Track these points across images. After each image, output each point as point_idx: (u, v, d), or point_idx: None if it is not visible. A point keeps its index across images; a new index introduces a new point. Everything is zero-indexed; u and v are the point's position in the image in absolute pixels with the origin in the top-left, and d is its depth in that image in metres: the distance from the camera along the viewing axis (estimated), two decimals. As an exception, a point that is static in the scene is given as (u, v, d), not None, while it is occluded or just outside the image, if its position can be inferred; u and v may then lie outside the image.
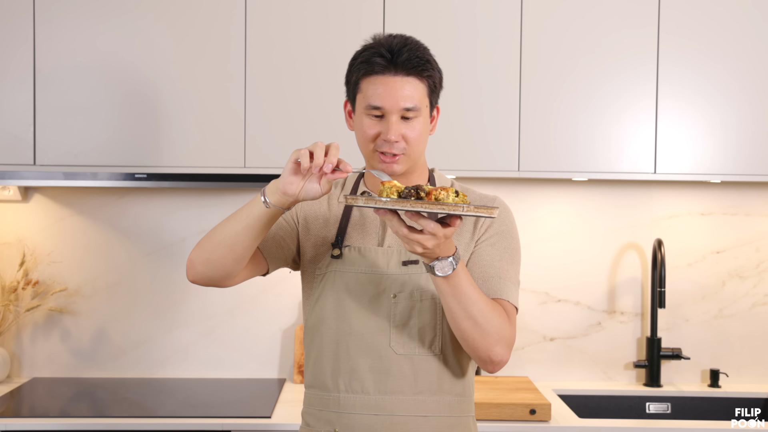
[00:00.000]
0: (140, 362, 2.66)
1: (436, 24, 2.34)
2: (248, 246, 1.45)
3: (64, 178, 2.33)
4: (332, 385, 1.54)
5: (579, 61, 2.37)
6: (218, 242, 1.45)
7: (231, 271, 1.48)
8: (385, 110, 1.47)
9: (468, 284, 1.39)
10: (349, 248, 1.57)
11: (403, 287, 1.53)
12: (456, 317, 1.41)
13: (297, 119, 2.34)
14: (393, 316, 1.53)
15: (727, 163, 2.39)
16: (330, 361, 1.55)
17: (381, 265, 1.55)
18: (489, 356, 1.45)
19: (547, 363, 2.69)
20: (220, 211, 2.66)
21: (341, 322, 1.55)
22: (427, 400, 1.53)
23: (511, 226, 1.59)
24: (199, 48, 2.33)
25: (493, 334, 1.43)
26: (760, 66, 2.38)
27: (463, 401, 1.57)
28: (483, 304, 1.41)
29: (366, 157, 1.54)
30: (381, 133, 1.48)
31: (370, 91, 1.49)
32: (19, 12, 2.31)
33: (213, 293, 2.66)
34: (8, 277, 2.62)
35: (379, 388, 1.52)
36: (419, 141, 1.51)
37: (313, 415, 1.58)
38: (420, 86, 1.49)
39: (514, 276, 1.55)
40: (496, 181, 2.66)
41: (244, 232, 1.43)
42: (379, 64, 1.48)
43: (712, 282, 2.71)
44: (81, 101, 2.32)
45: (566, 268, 2.69)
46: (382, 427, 1.51)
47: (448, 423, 1.54)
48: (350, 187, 1.65)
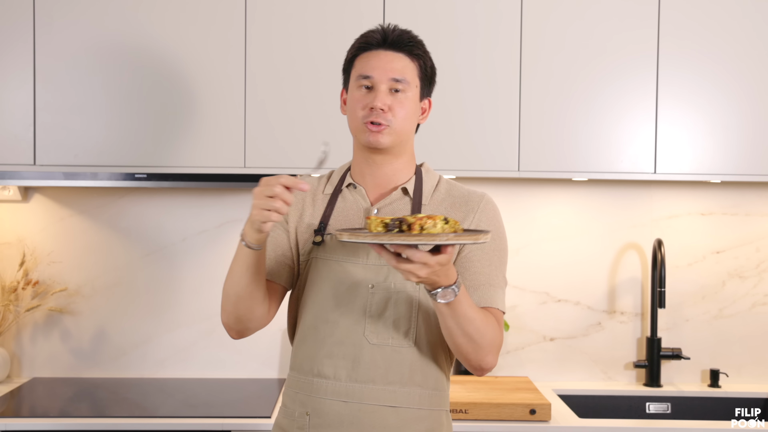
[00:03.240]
0: (140, 362, 2.66)
1: (436, 24, 2.34)
2: (262, 284, 1.53)
3: (64, 178, 2.33)
4: (308, 369, 1.57)
5: (579, 61, 2.36)
6: (237, 300, 1.53)
7: (261, 313, 1.57)
8: (375, 80, 1.54)
9: (468, 307, 1.43)
10: (331, 236, 1.59)
11: (381, 278, 1.55)
12: (453, 335, 1.46)
13: (297, 119, 2.34)
14: (369, 306, 1.54)
15: (727, 163, 2.39)
16: (307, 346, 1.58)
17: (360, 254, 1.56)
18: (480, 365, 1.51)
19: (547, 363, 2.69)
20: (220, 211, 2.66)
21: (319, 309, 1.57)
22: (397, 390, 1.54)
23: (498, 226, 1.61)
24: (199, 48, 2.33)
25: (486, 347, 1.49)
26: (760, 66, 2.38)
27: (435, 394, 1.58)
28: (479, 323, 1.46)
29: (354, 130, 1.59)
30: (368, 102, 1.54)
31: (361, 63, 1.58)
32: (19, 12, 2.31)
33: (213, 293, 2.66)
34: (8, 277, 2.62)
35: (350, 376, 1.54)
36: (406, 117, 1.56)
37: (290, 396, 1.61)
38: (410, 64, 1.57)
39: (502, 279, 1.58)
40: (496, 181, 2.66)
41: (250, 277, 1.49)
42: (374, 39, 1.58)
43: (712, 282, 2.71)
44: (81, 101, 2.32)
45: (566, 268, 2.69)
46: (350, 413, 1.53)
47: (417, 415, 1.56)
48: (337, 179, 1.67)
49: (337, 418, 1.54)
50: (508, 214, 1.68)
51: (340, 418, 1.54)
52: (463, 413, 2.17)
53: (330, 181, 1.67)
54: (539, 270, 2.69)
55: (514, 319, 2.69)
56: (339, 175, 1.67)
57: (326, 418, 1.54)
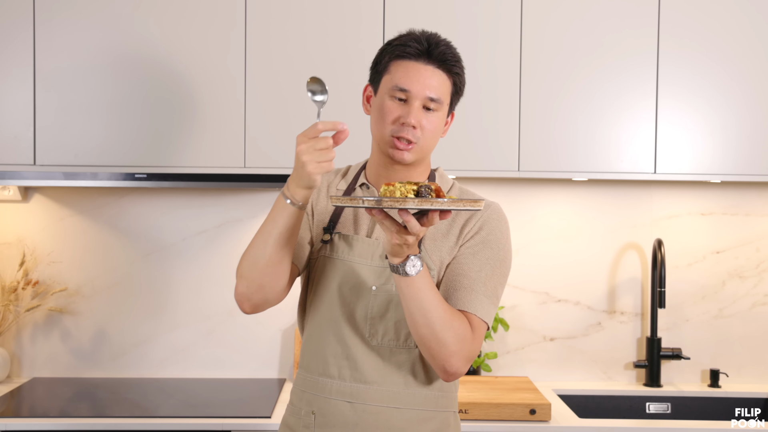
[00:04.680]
0: (140, 362, 2.66)
1: (436, 24, 2.33)
2: (293, 250, 1.49)
3: (64, 178, 2.33)
4: (314, 367, 1.58)
5: (579, 61, 2.37)
6: (266, 264, 1.47)
7: (283, 285, 1.52)
8: (411, 94, 1.50)
9: (429, 289, 1.40)
10: (339, 235, 1.58)
11: (383, 280, 1.54)
12: (416, 323, 1.42)
13: (297, 119, 2.34)
14: (371, 307, 1.54)
15: (727, 163, 2.39)
16: (314, 345, 1.59)
17: (365, 255, 1.56)
18: (443, 366, 1.45)
19: (547, 363, 2.69)
20: (219, 211, 2.66)
21: (324, 308, 1.57)
22: (401, 392, 1.54)
23: (500, 236, 1.55)
24: (200, 48, 2.33)
25: (450, 345, 1.43)
26: (760, 66, 2.38)
27: (441, 396, 1.58)
28: (443, 312, 1.41)
29: (378, 139, 1.55)
30: (401, 117, 1.50)
31: (399, 73, 1.51)
32: (19, 12, 2.31)
33: (213, 293, 2.67)
34: (8, 277, 2.62)
35: (354, 376, 1.54)
36: (433, 135, 1.53)
37: (297, 394, 1.62)
38: (446, 82, 1.53)
39: (491, 289, 1.52)
40: (496, 181, 2.66)
41: (286, 239, 1.45)
42: (414, 49, 1.51)
43: (712, 282, 2.71)
44: (81, 101, 2.32)
45: (566, 268, 2.69)
46: (355, 414, 1.53)
47: (422, 416, 1.55)
48: (351, 177, 1.66)
49: (342, 418, 1.54)
50: (508, 215, 1.68)
51: (345, 419, 1.54)
52: (463, 413, 2.17)
53: (345, 178, 1.66)
54: (539, 270, 2.69)
55: (514, 319, 2.69)
56: (354, 172, 1.66)
57: (331, 418, 1.54)
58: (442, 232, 1.55)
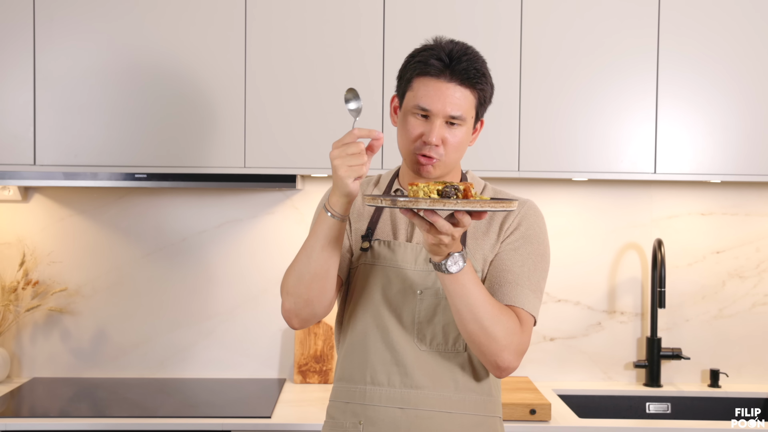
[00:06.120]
0: (140, 362, 2.66)
1: (436, 25, 2.34)
2: (338, 262, 1.48)
3: (64, 178, 2.33)
4: (359, 377, 1.56)
5: (579, 61, 2.37)
6: (312, 279, 1.47)
7: (331, 297, 1.52)
8: (432, 113, 1.49)
9: (475, 285, 1.40)
10: (378, 242, 1.58)
11: (428, 284, 1.54)
12: (464, 320, 1.42)
13: (297, 119, 2.34)
14: (418, 312, 1.54)
15: (727, 163, 2.39)
16: (358, 354, 1.57)
17: (408, 260, 1.55)
18: (495, 361, 1.46)
19: (547, 363, 2.69)
20: (220, 211, 2.66)
21: (369, 316, 1.56)
22: (452, 397, 1.53)
23: (539, 231, 1.58)
24: (199, 48, 2.33)
25: (500, 340, 1.43)
26: (760, 66, 2.38)
27: (488, 401, 1.58)
28: (491, 307, 1.42)
29: (404, 154, 1.55)
30: (423, 134, 1.49)
31: (421, 91, 1.49)
32: (19, 12, 2.31)
33: (213, 293, 2.67)
34: (8, 277, 2.62)
35: (404, 382, 1.53)
36: (458, 148, 1.52)
37: (338, 407, 1.59)
38: (470, 97, 1.51)
39: (535, 283, 1.53)
40: (496, 182, 2.66)
41: (330, 252, 1.45)
42: (435, 67, 1.48)
43: (712, 282, 2.71)
44: (81, 101, 2.32)
45: (566, 268, 2.69)
46: (407, 420, 1.52)
47: (473, 421, 1.55)
48: (384, 185, 1.66)
49: (393, 425, 1.52)
50: (508, 214, 1.70)
51: (396, 425, 1.52)
52: (463, 413, 2.17)
53: (378, 186, 1.66)
54: (539, 270, 2.69)
55: (514, 319, 2.69)
56: (387, 180, 1.67)
57: (382, 426, 1.53)
58: (482, 231, 1.56)
